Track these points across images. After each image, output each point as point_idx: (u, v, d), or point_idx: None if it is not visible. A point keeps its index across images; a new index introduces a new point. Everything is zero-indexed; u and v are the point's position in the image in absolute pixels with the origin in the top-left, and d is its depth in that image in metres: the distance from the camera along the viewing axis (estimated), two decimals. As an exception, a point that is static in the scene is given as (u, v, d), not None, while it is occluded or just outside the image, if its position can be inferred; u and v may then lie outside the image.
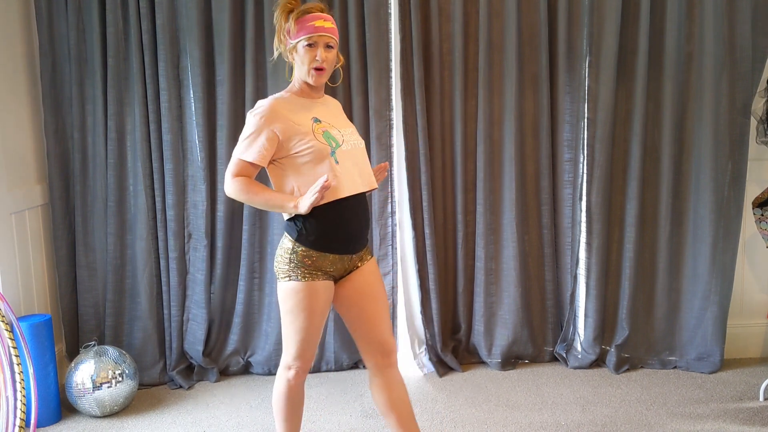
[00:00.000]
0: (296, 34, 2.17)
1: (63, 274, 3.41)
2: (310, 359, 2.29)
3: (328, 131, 2.21)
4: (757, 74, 3.21)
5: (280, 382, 2.32)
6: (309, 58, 2.17)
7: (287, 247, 2.22)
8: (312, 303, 2.20)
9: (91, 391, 3.05)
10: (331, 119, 2.26)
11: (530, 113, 3.38)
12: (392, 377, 2.35)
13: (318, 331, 2.26)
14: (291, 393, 2.31)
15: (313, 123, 2.20)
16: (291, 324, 2.23)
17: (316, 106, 2.26)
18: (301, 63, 2.20)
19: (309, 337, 2.23)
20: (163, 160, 3.35)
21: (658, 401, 3.11)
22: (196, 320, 3.45)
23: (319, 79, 2.21)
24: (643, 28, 3.22)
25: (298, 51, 2.18)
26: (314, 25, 2.16)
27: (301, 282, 2.19)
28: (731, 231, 3.31)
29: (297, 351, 2.25)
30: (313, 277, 2.20)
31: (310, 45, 2.16)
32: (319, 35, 2.16)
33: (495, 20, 3.30)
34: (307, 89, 2.27)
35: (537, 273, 3.51)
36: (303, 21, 2.16)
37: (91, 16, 3.26)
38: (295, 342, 2.24)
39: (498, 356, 3.50)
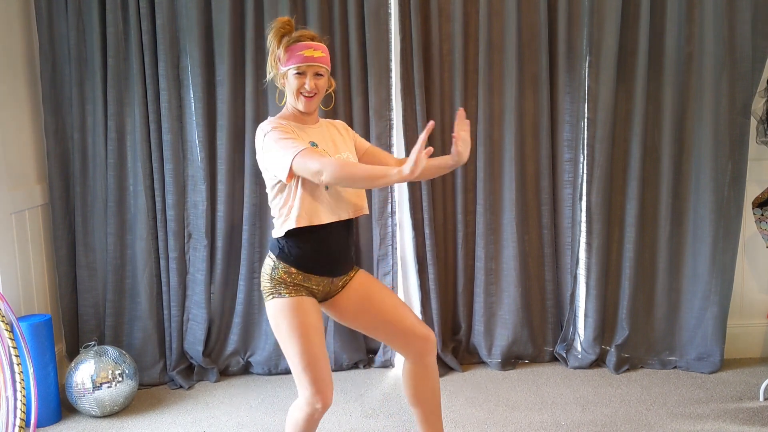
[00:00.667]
0: (286, 63, 2.17)
1: (63, 274, 3.41)
2: (329, 392, 2.14)
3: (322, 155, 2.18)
4: (757, 74, 3.21)
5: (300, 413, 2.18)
6: (297, 85, 2.17)
7: (269, 264, 2.22)
8: (303, 318, 2.15)
9: (91, 391, 3.05)
10: (326, 145, 2.24)
11: (530, 113, 3.38)
12: (430, 367, 2.34)
13: (321, 349, 2.15)
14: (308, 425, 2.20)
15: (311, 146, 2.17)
16: (291, 351, 2.14)
17: (312, 131, 2.25)
18: (289, 90, 2.20)
19: (314, 359, 2.12)
20: (163, 160, 3.35)
21: (658, 401, 3.11)
22: (196, 320, 3.45)
23: (308, 105, 2.20)
24: (643, 28, 3.22)
25: (288, 78, 2.18)
26: (303, 55, 2.15)
27: (287, 298, 2.16)
28: (731, 231, 3.31)
29: (311, 383, 2.12)
30: (298, 293, 2.18)
31: (299, 73, 2.16)
32: (307, 65, 2.16)
33: (495, 20, 3.30)
34: (300, 115, 2.25)
35: (537, 273, 3.51)
36: (293, 50, 2.15)
37: (91, 16, 3.27)
38: (303, 370, 2.12)
39: (498, 356, 3.50)
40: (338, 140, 2.32)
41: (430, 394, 2.37)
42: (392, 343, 2.37)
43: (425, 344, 2.32)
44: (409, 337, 2.31)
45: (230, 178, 3.38)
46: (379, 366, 3.56)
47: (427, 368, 2.34)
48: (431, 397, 2.38)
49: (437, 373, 2.38)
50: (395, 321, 2.31)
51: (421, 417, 2.39)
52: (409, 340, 2.32)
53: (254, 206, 3.38)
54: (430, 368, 2.35)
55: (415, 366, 2.35)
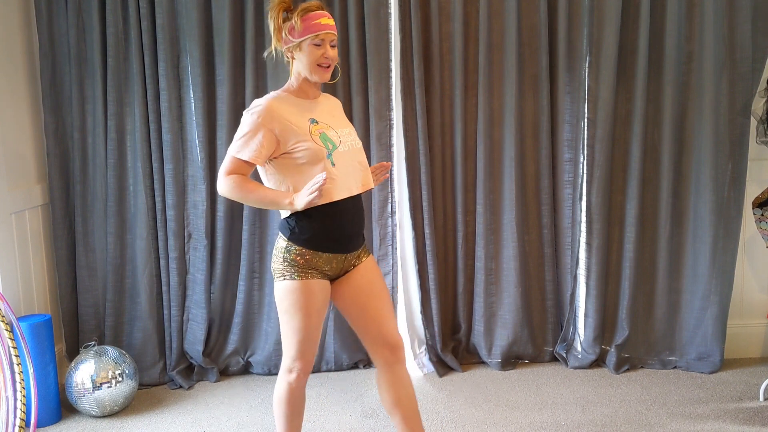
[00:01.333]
0: (302, 33, 2.15)
1: (63, 274, 3.41)
2: (310, 360, 2.26)
3: (325, 132, 2.20)
4: (757, 74, 3.21)
5: (281, 384, 2.29)
6: (316, 56, 2.16)
7: (281, 246, 2.21)
8: (308, 302, 2.19)
9: (91, 391, 3.05)
10: (328, 119, 2.25)
11: (530, 113, 3.38)
12: (400, 374, 2.34)
13: (316, 330, 2.24)
14: (292, 396, 2.29)
15: (310, 124, 2.19)
16: (288, 324, 2.21)
17: (313, 106, 2.25)
18: (306, 62, 2.18)
19: (307, 337, 2.21)
20: (163, 160, 3.35)
21: (658, 401, 3.11)
22: (196, 320, 3.45)
23: (324, 75, 2.20)
24: (643, 28, 3.22)
25: (303, 49, 2.17)
26: (320, 23, 2.15)
27: (296, 281, 2.18)
28: (731, 231, 3.31)
29: (297, 352, 2.22)
30: (308, 276, 2.19)
31: (317, 44, 2.15)
32: (326, 33, 2.16)
33: (495, 20, 3.30)
34: (305, 88, 2.25)
35: (537, 273, 3.51)
36: (308, 19, 2.15)
37: (91, 16, 3.26)
38: (294, 343, 2.21)
39: (498, 356, 3.50)
40: (337, 114, 2.34)
41: (405, 402, 2.34)
42: (364, 342, 2.38)
43: (391, 353, 2.32)
44: (378, 342, 2.32)
45: (230, 178, 3.38)
46: (379, 366, 3.56)
47: (397, 376, 2.33)
48: (406, 402, 2.34)
49: (409, 380, 2.36)
50: (373, 320, 2.32)
51: (399, 423, 2.36)
52: (377, 344, 2.33)
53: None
54: (401, 376, 2.34)
55: (384, 374, 2.35)
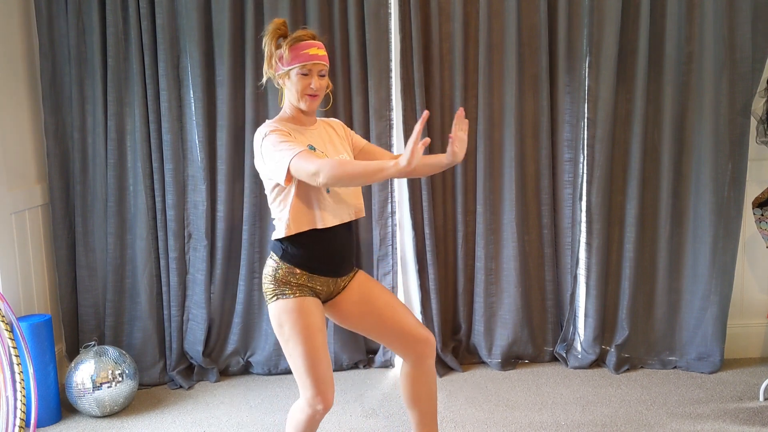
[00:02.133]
0: (290, 62, 2.14)
1: (63, 274, 3.41)
2: (330, 394, 2.13)
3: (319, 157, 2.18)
4: (757, 74, 3.21)
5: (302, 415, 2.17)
6: (303, 86, 2.16)
7: (271, 266, 2.20)
8: (307, 320, 2.13)
9: (91, 391, 3.05)
10: (324, 147, 2.23)
11: (530, 113, 3.38)
12: (429, 369, 2.34)
13: (323, 351, 2.14)
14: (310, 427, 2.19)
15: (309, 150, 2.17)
16: (294, 352, 2.13)
17: (310, 133, 2.23)
18: (293, 90, 2.18)
19: (316, 359, 2.11)
20: (163, 160, 3.35)
21: (658, 401, 3.11)
22: (196, 320, 3.45)
23: (312, 105, 2.20)
24: (643, 28, 3.22)
25: (291, 78, 2.16)
26: (308, 54, 2.14)
27: (290, 299, 2.15)
28: (731, 231, 3.31)
29: (313, 385, 2.11)
30: (302, 293, 2.17)
31: (304, 74, 2.15)
32: (313, 63, 2.15)
33: (495, 20, 3.30)
34: (299, 116, 2.24)
35: (537, 273, 3.51)
36: (297, 48, 2.14)
37: (91, 16, 3.26)
38: (307, 373, 2.11)
39: (498, 356, 3.50)
40: (336, 141, 2.31)
41: (426, 397, 2.36)
42: (392, 346, 2.37)
43: (425, 347, 2.31)
44: (409, 340, 2.31)
45: (230, 178, 3.38)
46: (379, 366, 3.56)
47: (425, 371, 2.34)
48: (428, 399, 2.37)
49: (435, 375, 2.38)
50: (395, 323, 2.30)
51: (417, 419, 2.38)
52: (408, 342, 2.31)
53: (254, 206, 3.38)
54: (429, 371, 2.35)
55: (414, 369, 2.34)
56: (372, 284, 2.37)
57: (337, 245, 2.23)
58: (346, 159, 2.18)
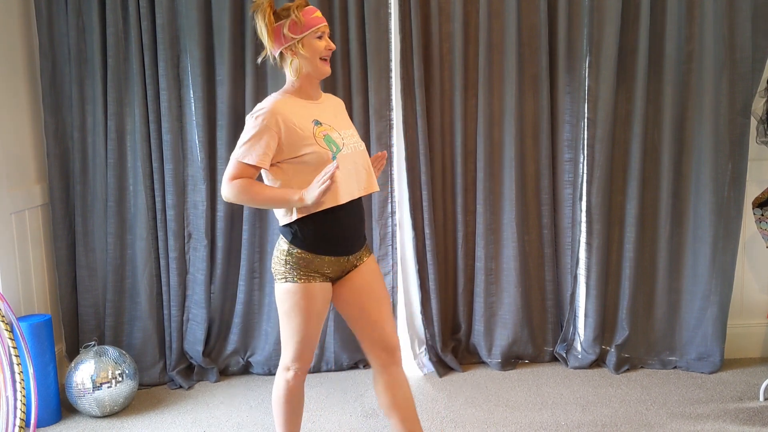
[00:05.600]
0: (304, 27, 2.15)
1: (63, 274, 3.41)
2: (308, 361, 2.29)
3: (329, 135, 2.18)
4: (757, 74, 3.21)
5: (280, 383, 2.32)
6: (320, 48, 2.18)
7: (283, 248, 2.21)
8: (308, 304, 2.20)
9: (91, 391, 3.05)
10: (331, 121, 2.23)
11: (530, 113, 3.38)
12: (397, 376, 2.34)
13: (316, 332, 2.26)
14: (290, 394, 2.31)
15: (314, 126, 2.17)
16: (288, 325, 2.23)
17: (315, 107, 2.23)
18: (311, 56, 2.17)
19: (306, 338, 2.23)
20: (163, 160, 3.35)
21: (658, 401, 3.11)
22: (196, 320, 3.45)
23: (327, 69, 2.22)
24: (643, 28, 3.21)
25: (306, 44, 2.16)
26: (318, 17, 2.18)
27: (297, 283, 2.19)
28: (731, 231, 3.31)
29: (295, 352, 2.25)
30: (309, 279, 2.20)
31: (319, 36, 2.18)
32: (324, 25, 2.19)
33: (495, 20, 3.30)
34: (307, 89, 2.23)
35: (537, 273, 3.51)
36: (307, 13, 2.16)
37: (91, 16, 3.26)
38: (293, 343, 2.24)
39: (498, 356, 3.50)
40: (340, 116, 2.32)
41: (402, 403, 2.34)
42: (361, 343, 2.38)
43: (388, 356, 2.33)
44: (376, 342, 2.32)
45: (230, 178, 3.38)
46: (379, 366, 3.56)
47: (393, 378, 2.34)
48: (404, 406, 2.35)
49: (406, 382, 2.37)
50: (371, 325, 2.32)
51: (398, 426, 2.36)
52: (375, 344, 2.33)
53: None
54: (397, 378, 2.34)
55: (380, 376, 2.35)
56: (374, 276, 2.35)
57: (348, 223, 2.23)
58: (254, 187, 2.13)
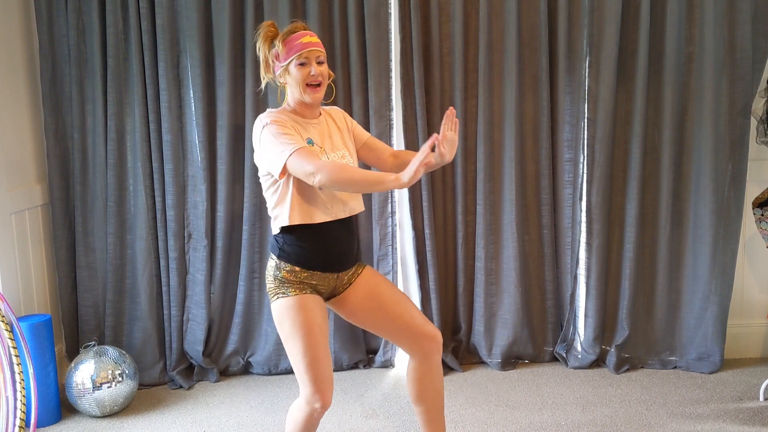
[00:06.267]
0: (286, 56, 2.14)
1: (63, 274, 3.41)
2: (329, 392, 2.14)
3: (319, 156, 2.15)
4: (757, 75, 3.21)
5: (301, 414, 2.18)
6: (303, 75, 2.14)
7: (272, 265, 2.21)
8: (307, 317, 2.14)
9: (91, 391, 3.05)
10: (323, 142, 2.21)
11: (530, 113, 3.38)
12: (436, 366, 2.33)
13: (323, 348, 2.14)
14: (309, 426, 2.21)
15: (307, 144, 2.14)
16: (294, 349, 2.14)
17: (311, 127, 2.21)
18: (295, 84, 2.16)
19: (316, 357, 2.12)
20: (163, 160, 3.35)
21: (658, 401, 3.11)
22: (196, 320, 3.45)
23: (315, 95, 2.17)
24: (643, 28, 3.22)
25: (291, 72, 2.15)
26: (302, 43, 2.14)
27: (291, 297, 2.15)
28: (731, 231, 3.31)
29: (312, 382, 2.12)
30: (302, 291, 2.17)
31: (301, 63, 2.14)
32: (309, 51, 2.14)
33: (495, 20, 3.30)
34: (302, 109, 2.22)
35: (537, 273, 3.51)
36: (290, 41, 2.15)
37: (91, 16, 3.26)
38: (306, 370, 2.12)
39: (498, 356, 3.50)
40: (335, 136, 2.28)
41: (433, 394, 2.37)
42: (398, 342, 2.36)
43: (431, 344, 2.31)
44: (416, 337, 2.30)
45: (230, 178, 3.38)
46: (379, 366, 3.56)
47: (432, 367, 2.33)
48: (435, 396, 2.37)
49: (441, 372, 2.38)
50: (402, 320, 2.30)
51: (424, 416, 2.39)
52: (416, 339, 2.31)
53: (254, 206, 3.38)
54: (435, 367, 2.34)
55: (420, 365, 2.33)
56: (378, 279, 2.36)
57: (335, 241, 2.22)
58: (346, 164, 2.14)
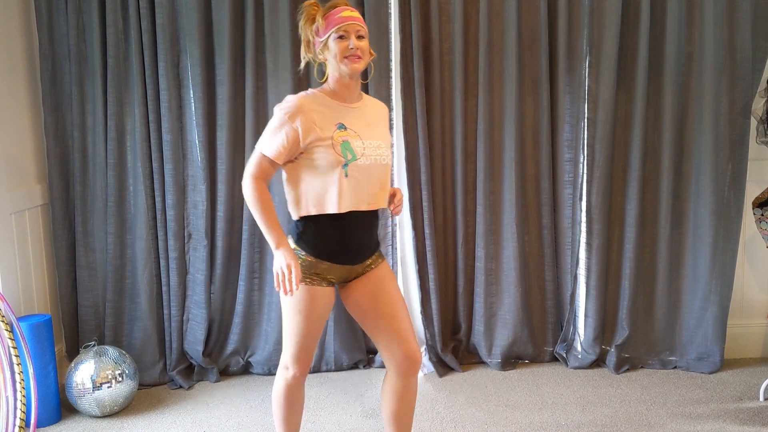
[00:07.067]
0: (325, 29, 2.13)
1: (63, 274, 3.41)
2: (307, 363, 2.30)
3: (349, 141, 2.13)
4: (757, 75, 3.21)
5: (279, 382, 2.33)
6: (342, 47, 2.11)
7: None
8: (309, 307, 2.20)
9: (91, 391, 3.05)
10: (360, 128, 2.17)
11: (530, 113, 3.38)
12: (411, 386, 2.33)
13: (315, 334, 2.26)
14: (289, 393, 2.32)
15: (337, 129, 2.13)
16: (289, 324, 2.24)
17: (347, 112, 2.18)
18: (333, 58, 2.13)
19: (305, 339, 2.24)
20: (163, 160, 3.35)
21: (658, 401, 3.11)
22: (196, 320, 3.45)
23: (354, 67, 2.13)
24: (643, 29, 3.22)
25: (330, 47, 2.13)
26: (342, 16, 2.12)
27: (302, 285, 2.19)
28: (731, 231, 3.31)
29: (294, 353, 2.26)
30: (312, 282, 2.20)
31: (341, 37, 2.12)
32: (348, 24, 2.12)
33: (495, 20, 3.30)
34: (341, 92, 2.19)
35: (537, 273, 3.51)
36: (330, 15, 2.14)
37: (91, 16, 3.26)
38: (293, 343, 2.25)
39: (498, 356, 3.50)
40: (376, 125, 2.25)
41: (405, 412, 2.35)
42: (380, 350, 2.35)
43: (409, 364, 2.29)
44: (395, 352, 2.29)
45: (230, 178, 3.38)
46: (379, 366, 3.56)
47: (406, 386, 2.32)
48: (406, 414, 2.35)
49: (415, 393, 2.37)
50: (387, 332, 2.29)
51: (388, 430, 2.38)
52: (394, 354, 2.29)
53: (254, 206, 3.38)
54: (410, 387, 2.33)
55: (394, 381, 2.32)
56: (387, 283, 2.33)
57: (352, 232, 2.20)
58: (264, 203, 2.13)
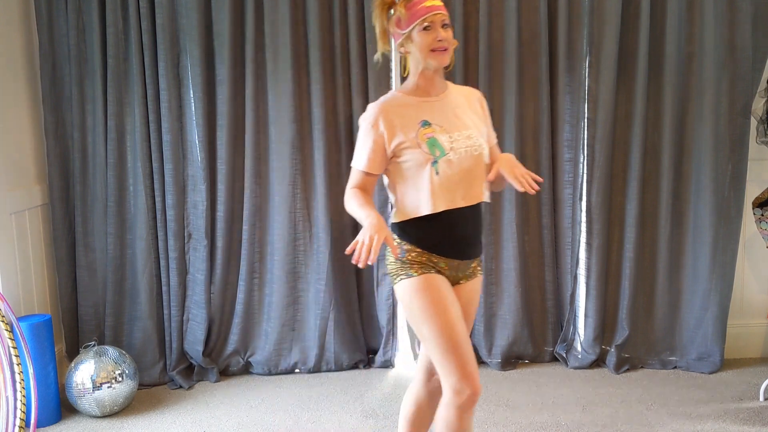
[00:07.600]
0: (409, 21, 2.01)
1: (63, 274, 3.41)
2: (476, 374, 1.96)
3: (435, 137, 2.03)
4: (757, 74, 3.21)
5: (450, 413, 1.98)
6: (428, 40, 2.00)
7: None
8: (436, 295, 1.99)
9: (91, 391, 3.05)
10: (444, 121, 2.07)
11: (530, 113, 3.38)
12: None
13: (461, 327, 1.97)
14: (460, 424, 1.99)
15: (420, 127, 2.04)
16: (428, 333, 1.97)
17: (430, 106, 2.08)
18: (418, 50, 2.03)
19: (455, 337, 1.95)
20: (163, 160, 3.35)
21: (658, 401, 3.11)
22: (196, 320, 3.45)
23: (442, 59, 2.03)
24: (643, 28, 3.22)
25: (414, 39, 2.02)
26: (426, 6, 2.00)
27: (415, 277, 2.02)
28: (731, 231, 3.31)
29: (456, 366, 1.94)
30: (427, 270, 2.03)
31: (426, 28, 2.00)
32: (434, 14, 2.00)
33: (495, 20, 3.30)
34: (424, 86, 2.09)
35: (537, 273, 3.51)
36: (413, 5, 2.01)
37: (91, 16, 3.26)
38: (447, 353, 1.94)
39: (498, 356, 3.50)
40: (464, 114, 2.12)
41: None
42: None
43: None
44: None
45: (230, 178, 3.38)
46: (379, 366, 3.55)
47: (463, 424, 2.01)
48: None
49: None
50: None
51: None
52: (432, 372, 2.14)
53: (254, 206, 3.39)
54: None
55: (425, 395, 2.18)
56: (472, 305, 2.20)
57: (456, 227, 2.08)
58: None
